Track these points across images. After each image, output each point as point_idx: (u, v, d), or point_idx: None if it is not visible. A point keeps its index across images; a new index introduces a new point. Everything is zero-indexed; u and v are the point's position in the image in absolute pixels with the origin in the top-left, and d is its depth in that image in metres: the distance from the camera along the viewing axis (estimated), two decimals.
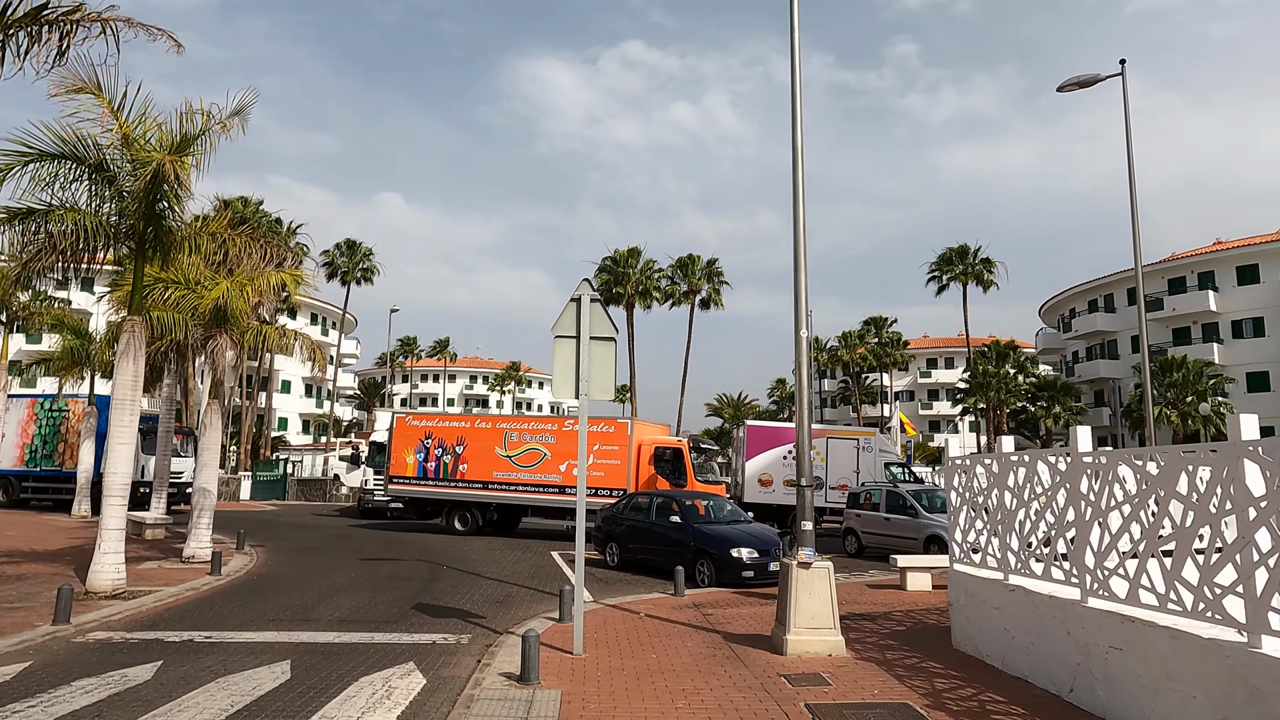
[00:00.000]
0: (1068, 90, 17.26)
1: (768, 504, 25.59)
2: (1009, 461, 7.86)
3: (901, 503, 18.74)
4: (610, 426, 22.77)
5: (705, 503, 16.20)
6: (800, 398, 9.10)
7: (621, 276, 46.38)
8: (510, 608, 11.49)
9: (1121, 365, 55.72)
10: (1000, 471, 7.98)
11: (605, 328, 8.91)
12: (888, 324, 76.06)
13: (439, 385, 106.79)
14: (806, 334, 9.19)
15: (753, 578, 13.67)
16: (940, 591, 13.19)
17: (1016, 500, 7.71)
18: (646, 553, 15.61)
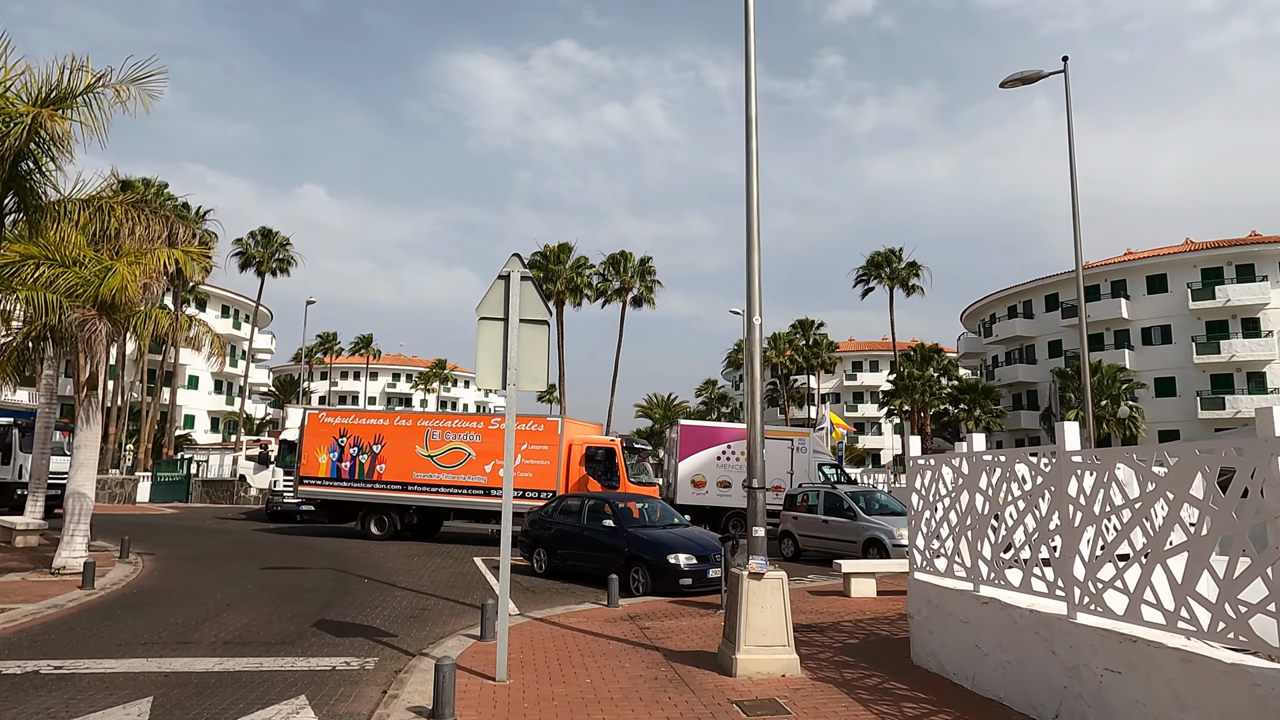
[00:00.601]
0: (1011, 86, 17.04)
1: (700, 506, 24.87)
2: (982, 461, 7.18)
3: (840, 504, 18.23)
4: (539, 425, 21.67)
5: (640, 505, 15.29)
6: (751, 390, 8.27)
7: (552, 273, 45.17)
8: (426, 623, 10.33)
9: (1039, 370, 57.30)
10: (971, 472, 7.29)
11: (537, 309, 7.90)
12: (815, 327, 76.80)
13: (360, 383, 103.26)
14: (760, 320, 8.37)
15: (691, 585, 12.82)
16: (887, 599, 12.60)
17: (990, 504, 7.03)
18: (577, 559, 14.60)
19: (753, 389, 8.24)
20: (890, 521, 17.12)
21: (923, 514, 8.17)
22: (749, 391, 8.26)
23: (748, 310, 8.40)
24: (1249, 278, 48.59)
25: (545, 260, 45.38)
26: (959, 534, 7.48)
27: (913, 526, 8.32)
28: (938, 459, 7.91)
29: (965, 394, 55.76)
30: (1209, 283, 49.40)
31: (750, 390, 8.26)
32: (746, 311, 8.39)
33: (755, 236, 8.50)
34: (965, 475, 7.39)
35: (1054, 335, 56.72)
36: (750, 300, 8.36)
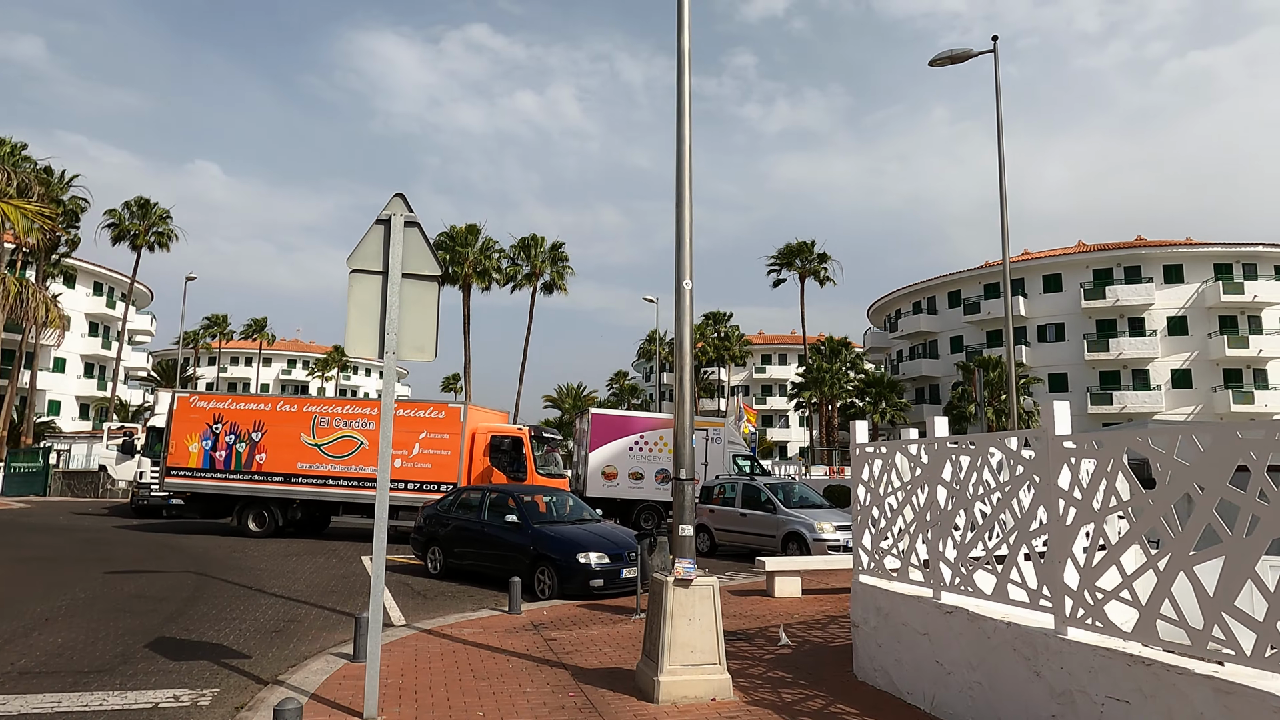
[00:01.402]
0: (940, 64, 16.48)
1: (611, 498, 23.73)
2: (946, 448, 6.21)
3: (758, 497, 17.38)
4: (440, 412, 20.03)
5: (548, 499, 13.98)
6: (680, 365, 7.09)
7: (458, 255, 43.02)
8: (291, 639, 8.76)
9: (942, 364, 58.76)
10: (933, 461, 6.32)
11: (425, 262, 6.49)
12: (726, 319, 76.88)
13: (253, 369, 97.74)
14: (690, 284, 7.20)
15: (602, 587, 11.61)
16: (814, 599, 11.71)
17: (955, 497, 6.07)
18: (476, 558, 13.18)
19: (681, 364, 7.07)
20: (811, 514, 16.37)
21: (870, 509, 7.18)
22: (678, 367, 7.09)
23: (677, 273, 7.22)
24: (1136, 279, 50.90)
25: (452, 242, 43.16)
26: (916, 532, 6.50)
27: (858, 523, 7.32)
28: (890, 446, 6.93)
29: (871, 387, 56.55)
30: (1100, 283, 51.51)
31: (679, 365, 7.08)
32: (676, 274, 7.21)
33: (687, 185, 7.32)
34: (925, 464, 6.42)
35: (956, 331, 58.22)
36: (680, 260, 7.18)
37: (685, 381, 7.06)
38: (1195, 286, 49.94)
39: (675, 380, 7.08)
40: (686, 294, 7.16)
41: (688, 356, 7.08)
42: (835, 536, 15.67)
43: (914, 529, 6.54)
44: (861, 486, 7.30)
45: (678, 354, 7.09)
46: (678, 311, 7.15)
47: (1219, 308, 49.31)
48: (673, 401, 43.69)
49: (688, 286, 7.18)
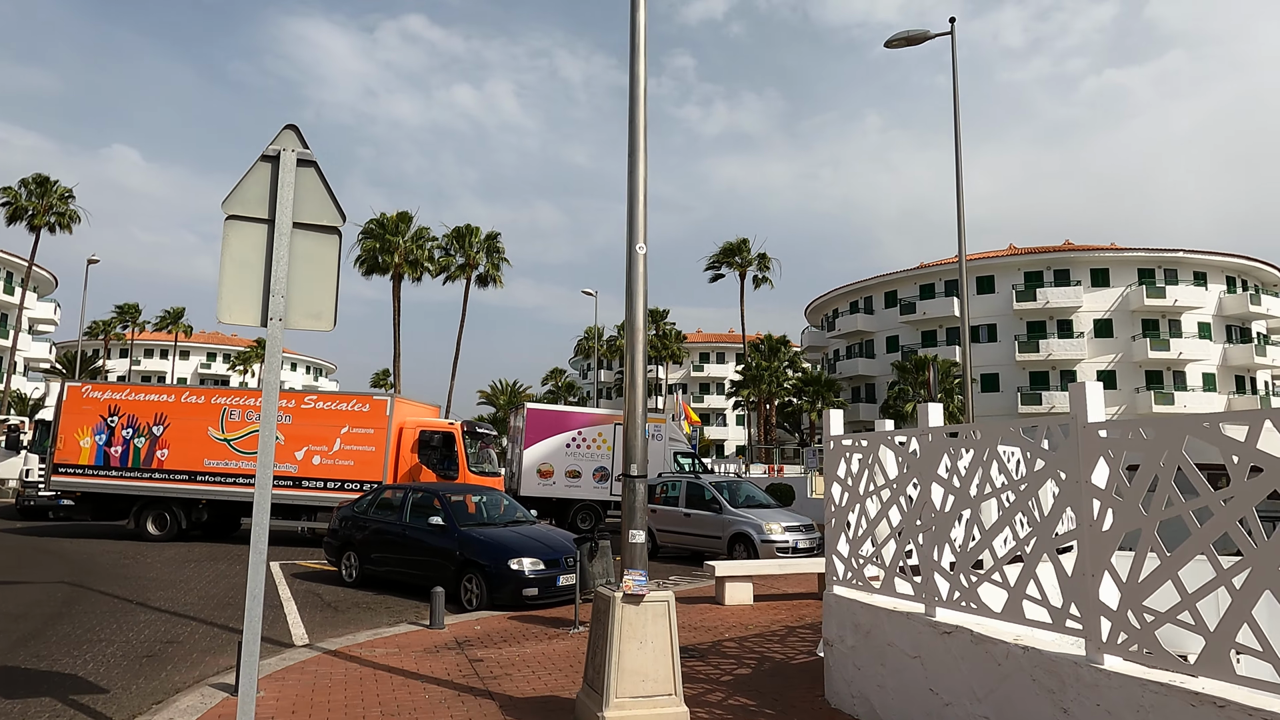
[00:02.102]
0: (896, 46, 15.85)
1: (547, 497, 22.60)
2: (944, 440, 5.33)
3: (703, 496, 16.48)
4: (364, 405, 18.56)
5: (477, 499, 12.79)
6: (632, 344, 6.06)
7: (389, 243, 41.06)
8: (165, 665, 7.42)
9: (878, 364, 59.17)
10: (927, 455, 5.43)
11: (323, 210, 5.31)
12: (664, 317, 76.26)
13: (168, 362, 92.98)
14: (644, 249, 6.17)
15: (536, 596, 10.51)
16: (766, 606, 10.83)
17: (956, 497, 5.19)
18: (397, 565, 11.91)
19: (634, 341, 6.03)
20: (758, 514, 15.56)
21: (847, 510, 6.27)
22: (629, 345, 6.05)
23: (629, 236, 6.19)
24: (1065, 282, 52.02)
25: (382, 229, 41.17)
26: (905, 537, 5.61)
27: (832, 526, 6.41)
28: (873, 438, 6.03)
29: (809, 386, 56.55)
30: (1031, 285, 52.48)
31: (631, 343, 6.05)
32: (628, 238, 6.18)
33: (640, 134, 6.30)
34: (916, 459, 5.53)
35: (892, 331, 58.71)
36: (633, 221, 6.15)
37: (638, 361, 6.04)
38: (1120, 290, 51.30)
39: (626, 360, 6.05)
40: (640, 260, 6.13)
41: (641, 333, 6.05)
42: (785, 538, 14.87)
43: (902, 534, 5.65)
44: (837, 485, 6.39)
45: (629, 330, 6.06)
46: (629, 282, 6.12)
47: (1142, 311, 50.75)
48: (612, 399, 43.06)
49: (641, 251, 6.15)
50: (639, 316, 6.04)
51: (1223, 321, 51.86)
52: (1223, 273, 52.60)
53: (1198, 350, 49.96)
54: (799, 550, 14.96)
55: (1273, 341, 53.89)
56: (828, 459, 6.49)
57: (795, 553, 14.89)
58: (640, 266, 6.12)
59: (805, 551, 15.06)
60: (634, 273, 6.10)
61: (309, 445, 18.19)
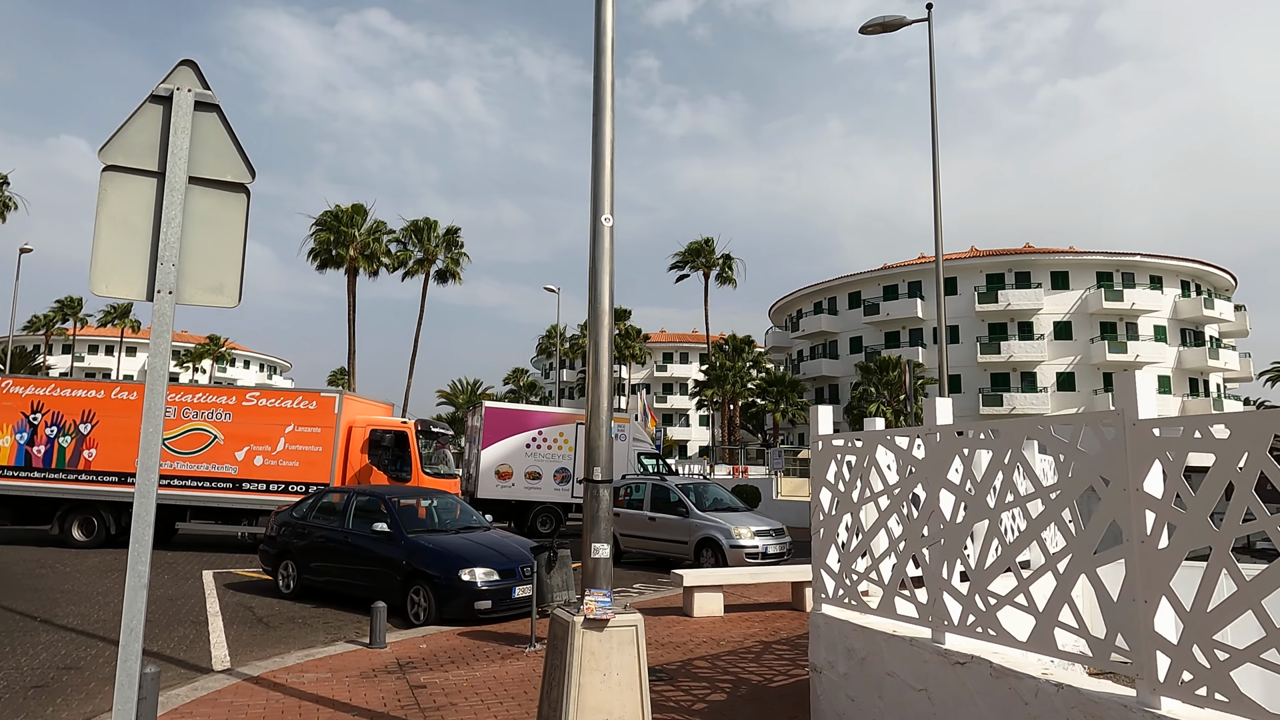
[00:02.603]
0: (871, 32, 15.28)
1: (506, 500, 21.73)
2: (954, 440, 4.64)
3: (669, 499, 15.75)
4: (311, 402, 17.49)
5: (428, 503, 11.89)
6: (597, 332, 5.29)
7: (343, 236, 39.62)
8: (56, 697, 6.45)
9: (841, 364, 59.10)
10: (935, 457, 4.74)
11: (228, 164, 4.44)
12: (626, 316, 75.51)
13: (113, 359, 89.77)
14: (611, 221, 5.41)
15: (490, 610, 9.66)
16: (738, 618, 10.12)
17: (970, 508, 4.50)
18: (338, 575, 10.96)
19: (598, 328, 5.26)
20: (726, 518, 14.87)
21: (838, 519, 5.57)
22: (593, 332, 5.28)
23: (594, 206, 5.42)
24: (1026, 284, 52.40)
25: (336, 221, 39.74)
26: (908, 551, 4.91)
27: (820, 537, 5.70)
28: (869, 437, 5.33)
29: (773, 386, 56.23)
30: (993, 288, 52.77)
31: (595, 331, 5.27)
32: (592, 208, 5.41)
33: (607, 92, 5.54)
34: (922, 461, 4.83)
35: (856, 332, 58.69)
36: (598, 188, 5.39)
37: (603, 349, 5.26)
38: (1079, 293, 51.81)
39: (589, 347, 5.27)
40: (606, 233, 5.36)
41: (607, 316, 5.28)
42: (754, 543, 14.21)
43: (904, 547, 4.95)
44: (826, 490, 5.69)
45: (593, 313, 5.28)
46: (594, 258, 5.34)
47: (1101, 314, 51.30)
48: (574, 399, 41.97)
49: (607, 223, 5.39)
50: (605, 297, 5.27)
51: (1177, 325, 52.68)
52: (1178, 277, 53.44)
53: (1154, 353, 50.64)
54: (769, 556, 14.31)
55: (1224, 345, 54.90)
56: (815, 460, 5.78)
57: (765, 558, 14.25)
58: (606, 240, 5.35)
59: (775, 557, 14.43)
60: (599, 247, 5.33)
61: (250, 445, 17.07)
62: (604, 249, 5.34)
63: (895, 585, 4.97)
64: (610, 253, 5.37)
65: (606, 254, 5.34)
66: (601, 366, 5.22)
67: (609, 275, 5.34)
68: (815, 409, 5.85)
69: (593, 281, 5.33)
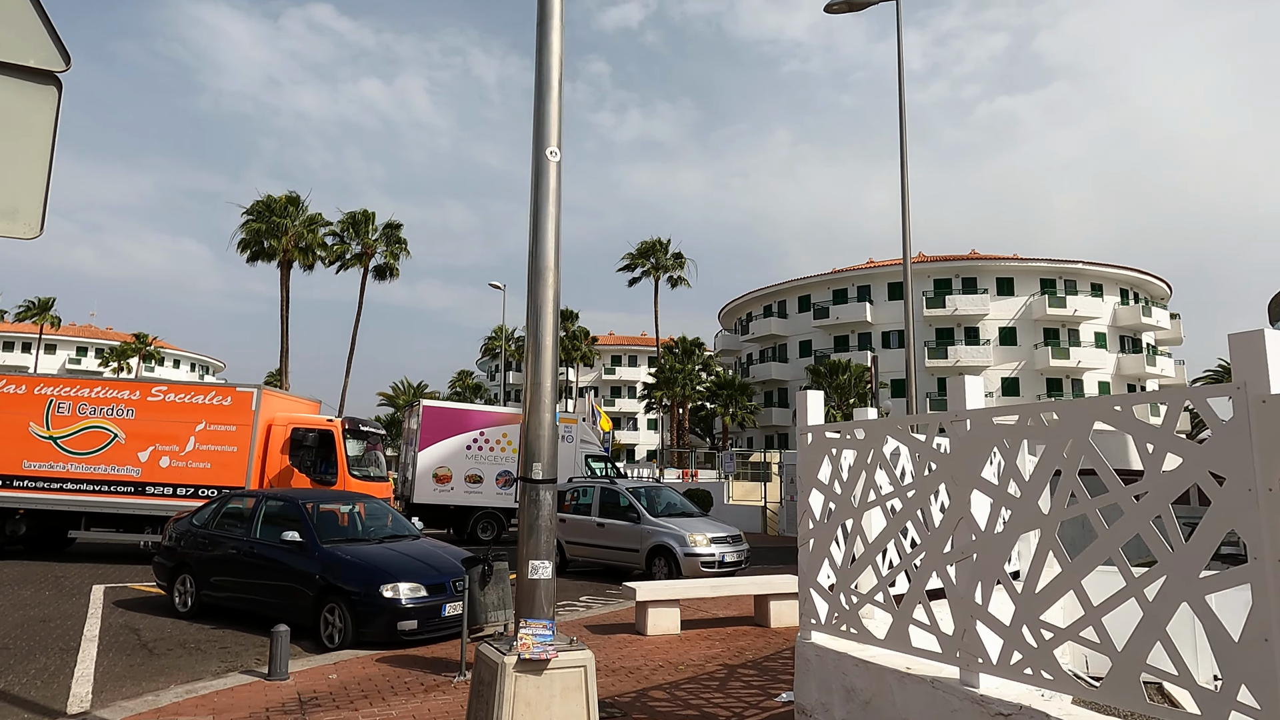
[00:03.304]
0: (836, 11, 14.50)
1: (444, 505, 20.39)
2: (994, 428, 3.67)
3: (619, 503, 14.68)
4: (224, 397, 15.95)
5: (349, 509, 10.60)
6: (539, 295, 4.20)
7: (276, 227, 37.63)
8: None
9: (790, 368, 58.81)
10: (966, 451, 3.76)
11: (29, 43, 3.24)
12: (575, 319, 74.27)
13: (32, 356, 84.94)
14: (558, 156, 4.33)
15: (415, 631, 8.46)
16: (696, 635, 9.09)
17: (1014, 513, 3.53)
18: (241, 591, 9.61)
19: (540, 289, 4.18)
20: (680, 524, 13.87)
21: (833, 528, 4.57)
22: (534, 293, 4.20)
23: (537, 136, 4.34)
24: (973, 290, 52.80)
25: (269, 211, 37.66)
26: (927, 568, 3.93)
27: (810, 550, 4.71)
28: (874, 428, 4.34)
29: (722, 389, 55.65)
30: (940, 293, 53.04)
31: (537, 291, 4.19)
32: (535, 139, 4.34)
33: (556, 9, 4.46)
34: (948, 457, 3.86)
35: (805, 335, 58.47)
36: (543, 117, 4.32)
37: (546, 317, 4.18)
38: (1024, 299, 52.41)
39: (529, 314, 4.19)
40: (551, 170, 4.29)
41: (552, 275, 4.21)
42: (710, 551, 13.24)
43: (924, 563, 3.97)
44: (817, 492, 4.69)
45: (535, 270, 4.20)
46: (536, 199, 4.26)
47: (1044, 320, 51.95)
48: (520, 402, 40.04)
49: (553, 158, 4.31)
50: (549, 247, 4.19)
51: (1117, 332, 53.68)
52: (1117, 285, 54.49)
53: (1094, 359, 51.47)
54: (726, 565, 13.35)
55: (1160, 352, 56.16)
56: (804, 457, 4.79)
57: (722, 567, 13.28)
58: (551, 178, 4.27)
59: (733, 566, 13.47)
60: (543, 187, 4.25)
61: (156, 444, 15.46)
62: (548, 190, 4.26)
63: (910, 610, 3.98)
64: (556, 196, 4.29)
65: (552, 196, 4.27)
66: (545, 334, 4.14)
67: (554, 223, 4.26)
68: (805, 394, 4.86)
69: (535, 229, 4.25)
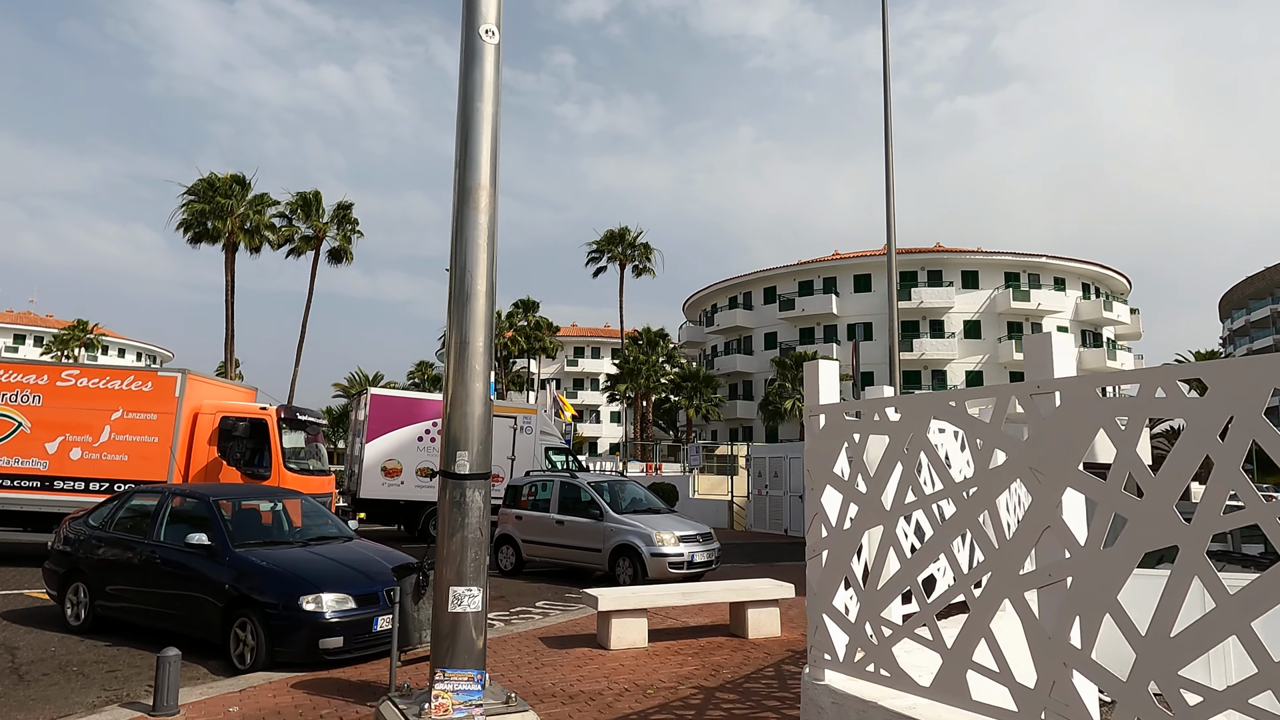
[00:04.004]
0: None
1: (393, 500, 19.09)
2: (1096, 401, 2.63)
3: (580, 499, 13.58)
4: (144, 383, 14.49)
5: (273, 507, 9.35)
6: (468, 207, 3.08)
7: (220, 208, 35.65)
8: None
9: (756, 360, 58.14)
10: (1055, 432, 2.72)
11: None
12: (536, 309, 72.76)
13: None
14: (496, 37, 3.20)
15: (341, 649, 7.28)
16: (666, 649, 8.03)
17: (1098, 514, 2.51)
18: (140, 601, 8.32)
19: (469, 203, 3.06)
20: (646, 521, 12.82)
21: (853, 537, 3.52)
22: (462, 208, 3.07)
23: (467, 14, 3.21)
24: (938, 283, 52.58)
25: (212, 191, 35.67)
26: (994, 592, 2.89)
27: (825, 564, 3.65)
28: (916, 404, 3.30)
29: (687, 381, 54.77)
30: (906, 285, 52.65)
31: (466, 205, 3.07)
32: (465, 18, 3.21)
33: None
34: (1028, 444, 2.82)
35: (771, 327, 57.83)
36: None
37: (479, 254, 3.07)
38: (989, 292, 52.31)
39: (453, 255, 3.06)
40: (488, 55, 3.17)
41: (485, 170, 3.09)
42: (679, 550, 12.22)
43: (989, 587, 2.93)
44: (832, 491, 3.64)
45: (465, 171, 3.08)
46: (467, 86, 3.14)
47: (1008, 313, 51.92)
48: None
49: (490, 39, 3.19)
50: (482, 159, 3.11)
51: (1079, 326, 53.88)
52: (1079, 279, 54.71)
53: None
54: (695, 565, 12.35)
55: (1121, 347, 56.59)
56: (815, 444, 3.73)
57: (691, 568, 12.28)
58: (488, 66, 3.17)
59: (703, 566, 12.47)
60: (476, 75, 3.18)
61: (67, 434, 13.94)
62: (483, 81, 3.18)
63: (969, 648, 2.94)
64: (494, 90, 3.19)
65: (488, 90, 3.17)
66: (476, 276, 3.03)
67: (491, 127, 3.16)
68: (815, 363, 3.80)
69: (464, 134, 3.15)
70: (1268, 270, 68.01)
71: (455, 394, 3.01)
